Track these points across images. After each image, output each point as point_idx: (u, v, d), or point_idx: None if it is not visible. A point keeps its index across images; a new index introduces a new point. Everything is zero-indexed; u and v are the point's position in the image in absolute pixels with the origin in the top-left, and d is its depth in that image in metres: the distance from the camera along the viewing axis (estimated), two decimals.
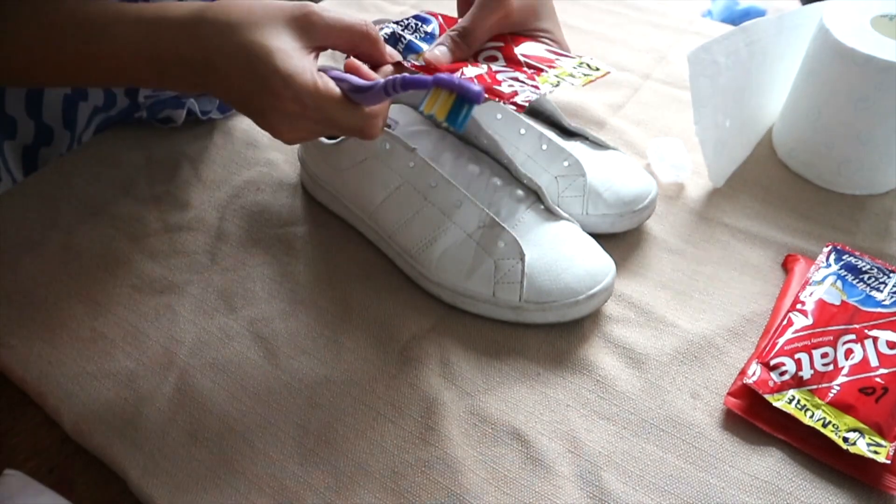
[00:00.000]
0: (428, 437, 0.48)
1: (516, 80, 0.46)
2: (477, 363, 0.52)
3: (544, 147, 0.60)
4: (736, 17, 1.53)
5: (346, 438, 0.48)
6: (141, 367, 0.52)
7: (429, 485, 0.45)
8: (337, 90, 0.43)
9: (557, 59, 0.49)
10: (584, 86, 0.47)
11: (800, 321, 0.51)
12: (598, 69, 0.48)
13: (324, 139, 0.59)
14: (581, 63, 0.49)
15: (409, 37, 0.51)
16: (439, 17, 0.54)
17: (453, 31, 0.49)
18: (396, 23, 0.52)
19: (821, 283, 0.54)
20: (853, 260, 0.56)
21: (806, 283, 0.54)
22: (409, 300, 0.56)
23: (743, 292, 0.57)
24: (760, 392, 0.48)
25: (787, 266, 0.58)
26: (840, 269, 0.55)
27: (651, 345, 0.53)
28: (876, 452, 0.44)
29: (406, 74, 0.42)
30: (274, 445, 0.48)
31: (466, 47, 0.49)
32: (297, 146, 0.67)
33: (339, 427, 0.48)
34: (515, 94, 0.45)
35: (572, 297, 0.52)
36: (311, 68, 0.43)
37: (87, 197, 0.65)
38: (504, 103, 0.44)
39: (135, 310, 0.56)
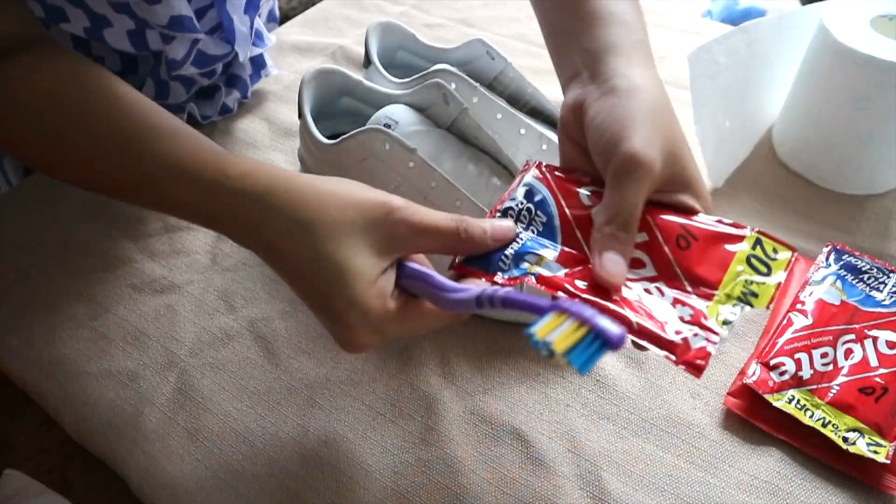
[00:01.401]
0: (428, 437, 0.48)
1: (681, 319, 0.34)
2: (477, 363, 0.52)
3: (544, 147, 0.60)
4: (736, 17, 1.53)
5: (346, 438, 0.48)
6: (141, 367, 0.52)
7: (429, 485, 0.45)
8: (413, 309, 0.38)
9: (722, 249, 0.36)
10: (768, 306, 0.34)
11: (799, 321, 0.51)
12: (775, 251, 0.35)
13: (324, 139, 0.59)
14: (755, 244, 0.35)
15: (523, 235, 0.40)
16: (556, 195, 0.40)
17: (609, 223, 0.36)
18: (504, 212, 0.41)
19: (820, 283, 0.54)
20: (853, 260, 0.56)
21: (806, 283, 0.54)
22: None
23: None
24: (760, 392, 0.48)
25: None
26: (840, 269, 0.55)
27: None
28: (876, 452, 0.44)
29: (509, 290, 0.34)
30: (274, 445, 0.48)
31: (632, 239, 0.37)
32: (297, 146, 0.67)
33: (339, 427, 0.49)
34: (687, 345, 0.33)
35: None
36: (387, 290, 0.37)
37: (87, 197, 0.65)
38: (676, 363, 0.33)
39: (135, 310, 0.56)
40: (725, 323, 0.33)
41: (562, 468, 0.46)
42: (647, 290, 0.35)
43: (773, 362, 0.49)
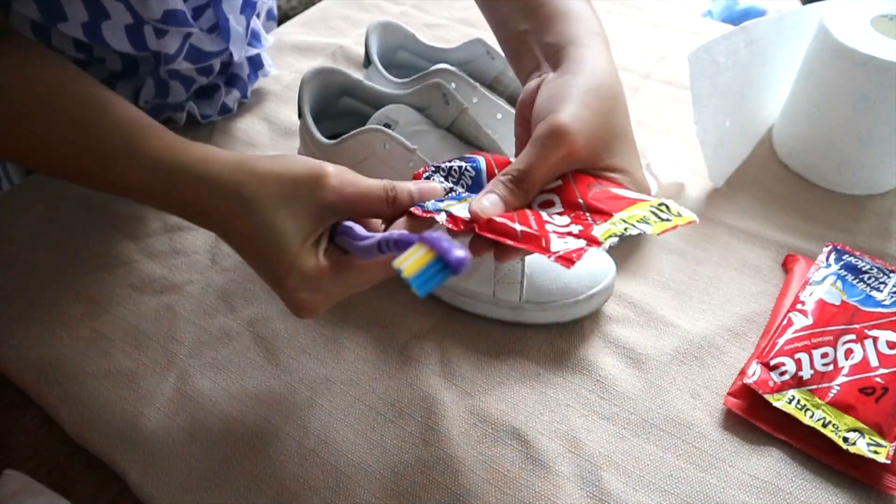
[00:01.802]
0: (428, 437, 0.48)
1: (570, 234, 0.36)
2: (477, 363, 0.52)
3: None
4: (736, 17, 1.52)
5: (346, 438, 0.48)
6: (141, 367, 0.52)
7: (429, 485, 0.45)
8: (345, 262, 0.41)
9: (629, 200, 0.38)
10: (658, 234, 0.36)
11: (800, 321, 0.51)
12: (679, 215, 0.36)
13: (324, 139, 0.59)
14: (661, 205, 0.37)
15: (452, 185, 0.44)
16: (489, 159, 0.44)
17: (506, 174, 0.40)
18: (437, 169, 0.44)
19: (821, 283, 0.54)
20: (853, 260, 0.56)
21: (806, 283, 0.54)
22: (409, 300, 0.56)
23: (743, 292, 0.57)
24: (760, 392, 0.48)
25: (787, 266, 0.58)
26: (840, 269, 0.55)
27: (651, 345, 0.53)
28: (876, 452, 0.44)
29: (402, 232, 0.36)
30: (274, 445, 0.48)
31: (523, 194, 0.40)
32: (297, 146, 0.67)
33: (339, 427, 0.48)
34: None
35: (572, 297, 0.52)
36: (319, 251, 0.41)
37: (86, 196, 0.65)
38: (550, 257, 0.35)
39: (135, 310, 0.56)
40: (612, 236, 0.35)
41: (562, 468, 0.46)
42: (548, 220, 0.38)
43: (773, 362, 0.49)
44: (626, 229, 0.35)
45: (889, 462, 0.44)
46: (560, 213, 0.39)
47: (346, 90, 0.63)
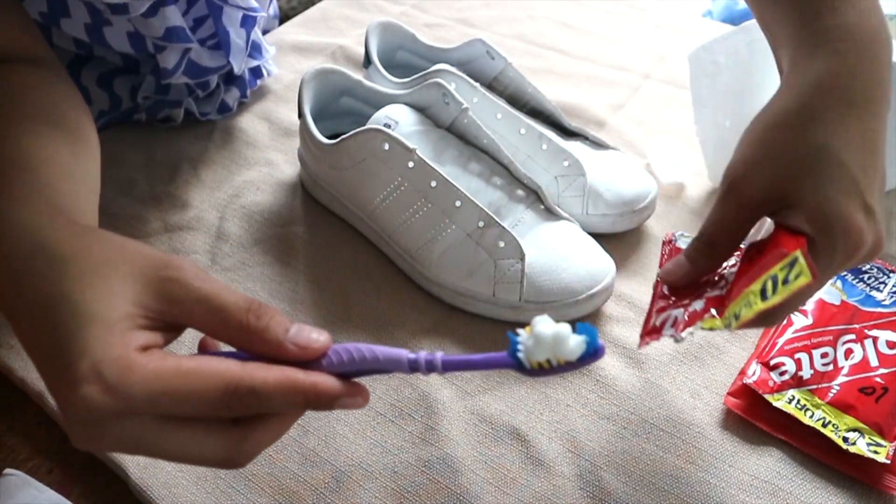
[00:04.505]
0: (428, 437, 0.48)
1: (677, 317, 0.37)
2: None
3: (544, 147, 0.60)
4: (736, 17, 1.52)
5: (346, 438, 0.48)
6: None
7: (429, 485, 0.45)
8: (168, 365, 0.29)
9: (758, 268, 0.35)
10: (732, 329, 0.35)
11: (800, 321, 0.51)
12: (797, 276, 0.33)
13: (324, 139, 0.59)
14: (788, 265, 0.34)
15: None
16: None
17: (698, 237, 0.37)
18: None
19: None
20: None
21: None
22: (409, 300, 0.56)
23: None
24: (760, 392, 0.48)
25: None
26: None
27: (651, 345, 0.53)
28: (876, 452, 0.44)
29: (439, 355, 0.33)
30: (274, 445, 0.47)
31: (710, 254, 0.37)
32: (297, 146, 0.67)
33: (339, 427, 0.48)
34: (654, 329, 0.38)
35: (572, 297, 0.52)
36: (135, 342, 0.29)
37: None
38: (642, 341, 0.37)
39: None
40: (692, 332, 0.36)
41: (562, 468, 0.46)
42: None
43: (773, 362, 0.49)
44: (713, 329, 0.35)
45: (889, 462, 0.44)
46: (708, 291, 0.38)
47: (346, 90, 0.63)
